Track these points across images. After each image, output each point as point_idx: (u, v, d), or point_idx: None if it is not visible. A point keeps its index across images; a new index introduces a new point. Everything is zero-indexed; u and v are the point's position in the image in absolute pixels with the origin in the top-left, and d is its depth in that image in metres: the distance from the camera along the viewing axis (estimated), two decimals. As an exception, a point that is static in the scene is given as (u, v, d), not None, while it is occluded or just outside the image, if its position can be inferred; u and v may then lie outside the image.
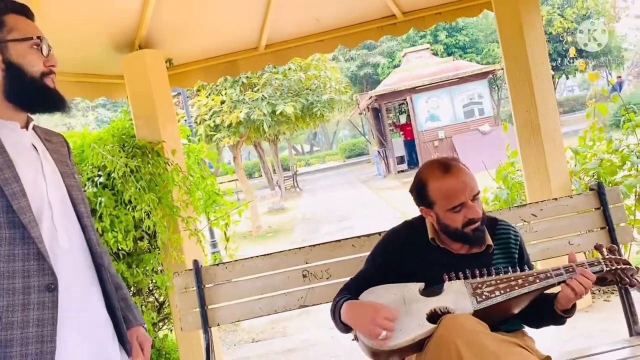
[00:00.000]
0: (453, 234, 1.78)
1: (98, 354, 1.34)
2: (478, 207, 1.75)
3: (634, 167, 3.85)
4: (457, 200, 1.72)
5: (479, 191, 1.78)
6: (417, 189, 1.83)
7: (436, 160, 1.82)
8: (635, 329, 2.20)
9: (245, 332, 4.70)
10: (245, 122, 9.48)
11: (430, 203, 1.78)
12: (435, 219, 1.80)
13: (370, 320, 1.61)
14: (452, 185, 1.72)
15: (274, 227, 11.88)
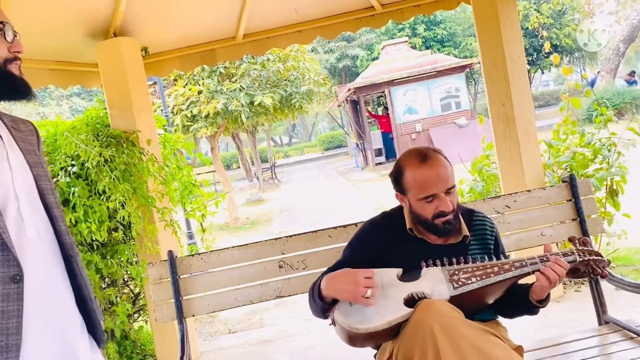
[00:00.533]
0: (424, 224, 1.81)
1: (66, 347, 1.31)
2: (452, 200, 1.77)
3: (605, 161, 3.93)
4: (429, 191, 1.74)
5: (454, 185, 1.79)
6: (394, 175, 1.86)
7: (416, 149, 1.84)
8: (604, 318, 2.25)
9: (222, 323, 4.69)
10: (222, 113, 9.40)
11: (404, 190, 1.81)
12: (408, 206, 1.83)
13: (352, 283, 1.63)
14: (426, 175, 1.74)
15: (252, 219, 11.84)
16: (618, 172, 3.83)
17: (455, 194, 1.80)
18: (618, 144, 3.92)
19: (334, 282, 1.70)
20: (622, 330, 2.11)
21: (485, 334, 1.61)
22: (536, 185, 3.46)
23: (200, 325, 4.69)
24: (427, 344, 1.56)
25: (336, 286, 1.69)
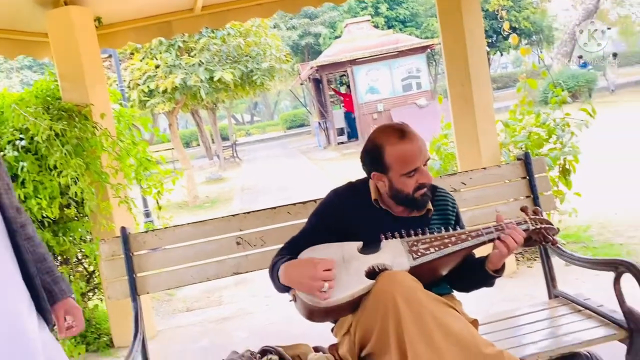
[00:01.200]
0: (404, 199, 1.82)
1: (12, 323, 1.26)
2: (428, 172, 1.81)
3: (559, 141, 4.03)
4: (413, 165, 1.76)
5: (429, 157, 1.83)
6: (371, 154, 1.84)
7: (390, 126, 1.84)
8: (554, 292, 2.33)
9: (180, 301, 4.64)
10: (181, 88, 9.17)
11: (385, 168, 1.80)
12: (388, 184, 1.82)
13: (310, 277, 1.62)
14: (409, 150, 1.76)
15: (212, 197, 11.71)
16: (571, 151, 3.94)
17: (427, 165, 1.83)
18: (571, 125, 4.03)
19: (292, 272, 1.69)
20: (570, 304, 2.19)
21: (445, 306, 1.65)
22: (492, 164, 3.52)
23: (157, 304, 4.63)
24: (388, 314, 1.59)
25: (294, 277, 1.68)
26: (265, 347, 1.92)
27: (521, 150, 3.97)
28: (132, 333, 1.98)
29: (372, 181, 1.89)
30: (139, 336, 1.99)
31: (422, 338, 1.55)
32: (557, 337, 1.94)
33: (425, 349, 1.54)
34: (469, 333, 1.59)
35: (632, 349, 1.85)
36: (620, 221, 4.85)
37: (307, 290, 1.62)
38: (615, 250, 4.03)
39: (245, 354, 1.91)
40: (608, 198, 5.73)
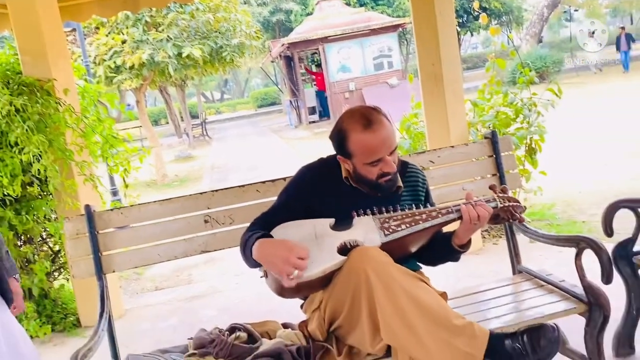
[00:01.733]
0: (368, 184, 1.82)
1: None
2: (394, 159, 1.79)
3: (526, 120, 4.10)
4: (376, 156, 1.75)
5: (397, 145, 1.81)
6: (337, 139, 1.82)
7: (358, 111, 1.80)
8: (518, 268, 2.38)
9: (149, 280, 4.60)
10: (148, 64, 8.96)
11: (349, 154, 1.79)
12: (352, 169, 1.83)
13: (282, 260, 1.60)
14: (372, 141, 1.73)
15: (181, 176, 11.57)
16: (537, 131, 4.01)
17: (396, 153, 1.82)
18: (538, 105, 4.09)
19: (266, 251, 1.67)
20: (533, 279, 2.24)
21: (416, 280, 1.68)
22: (460, 143, 3.55)
23: (125, 283, 4.58)
24: (360, 289, 1.62)
25: (267, 256, 1.66)
26: (233, 325, 1.93)
27: (489, 130, 4.02)
28: (98, 312, 1.95)
29: (344, 165, 1.88)
30: (105, 315, 1.96)
31: (394, 311, 1.58)
32: (520, 312, 1.99)
33: (397, 322, 1.58)
34: (440, 305, 1.62)
35: (590, 321, 1.91)
36: (583, 199, 4.99)
37: (277, 272, 1.62)
38: (578, 228, 4.15)
39: (214, 331, 1.91)
40: (572, 177, 5.87)
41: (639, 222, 2.27)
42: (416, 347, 1.57)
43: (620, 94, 12.72)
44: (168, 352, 1.92)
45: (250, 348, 1.80)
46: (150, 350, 1.97)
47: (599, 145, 7.42)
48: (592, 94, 13.61)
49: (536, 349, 1.57)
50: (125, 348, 3.10)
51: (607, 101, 11.84)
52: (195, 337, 1.91)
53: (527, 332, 1.60)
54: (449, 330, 1.57)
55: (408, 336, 1.57)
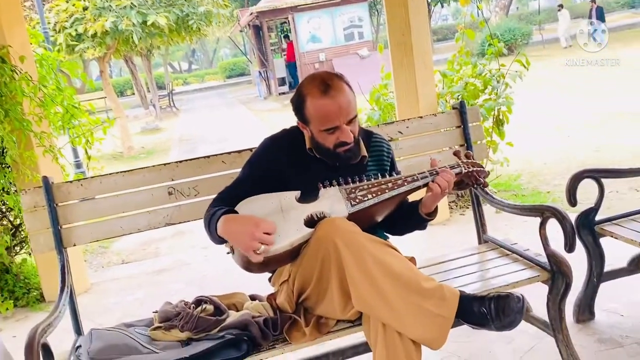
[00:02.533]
0: (325, 153, 1.80)
1: None
2: (353, 129, 1.76)
3: (494, 92, 4.11)
4: (331, 123, 1.71)
5: (356, 115, 1.77)
6: (296, 103, 1.79)
7: (319, 76, 1.77)
8: (484, 238, 2.41)
9: (115, 254, 4.52)
10: (112, 33, 8.66)
11: (306, 120, 1.77)
12: (310, 135, 1.80)
13: (249, 236, 1.57)
14: (328, 107, 1.70)
15: (148, 148, 11.35)
16: (504, 102, 4.03)
17: (356, 123, 1.79)
18: (506, 76, 4.11)
19: (232, 227, 1.64)
20: (499, 248, 2.28)
21: (384, 246, 1.68)
22: (429, 114, 3.55)
23: (91, 257, 4.50)
24: (330, 258, 1.61)
25: (233, 232, 1.63)
26: (199, 297, 1.90)
27: (458, 101, 4.03)
28: (59, 287, 1.90)
29: (305, 131, 1.86)
30: (67, 290, 1.90)
31: (364, 278, 1.58)
32: (485, 280, 2.02)
33: (367, 289, 1.58)
34: (409, 270, 1.63)
35: (553, 289, 1.95)
36: (548, 170, 5.09)
37: (243, 247, 1.59)
38: (543, 198, 4.23)
39: (179, 304, 1.88)
40: (537, 148, 5.97)
41: (601, 191, 2.31)
42: (387, 312, 1.58)
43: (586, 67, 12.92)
44: (132, 326, 1.89)
45: (217, 320, 1.78)
46: (115, 324, 1.93)
47: (563, 118, 7.55)
48: (559, 66, 13.80)
49: (500, 317, 1.60)
50: (91, 322, 3.07)
51: (572, 73, 12.02)
52: (161, 311, 1.88)
53: (495, 299, 1.62)
54: (419, 293, 1.58)
55: (379, 302, 1.58)
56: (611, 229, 2.26)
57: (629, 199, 3.88)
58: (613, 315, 2.43)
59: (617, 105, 7.70)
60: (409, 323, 1.57)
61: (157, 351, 1.71)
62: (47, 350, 1.62)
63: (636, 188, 4.08)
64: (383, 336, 1.58)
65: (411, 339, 1.58)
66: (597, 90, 9.18)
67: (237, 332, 1.72)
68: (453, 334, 1.68)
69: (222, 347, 1.68)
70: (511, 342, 2.32)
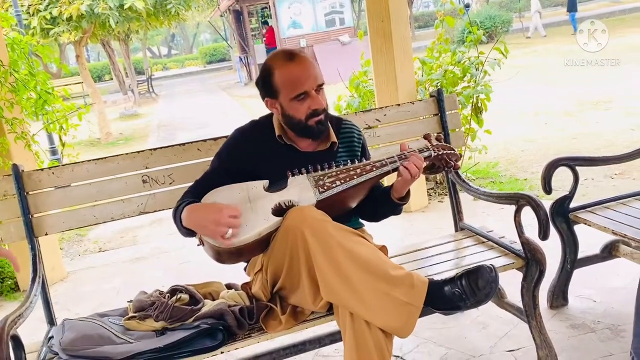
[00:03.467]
0: (297, 127, 1.78)
1: None
2: (322, 98, 1.77)
3: (473, 79, 4.12)
4: (301, 87, 1.71)
5: (324, 82, 1.78)
6: (262, 79, 1.79)
7: (281, 50, 1.81)
8: (460, 225, 2.43)
9: (91, 242, 4.46)
10: (88, 16, 8.46)
11: (275, 92, 1.76)
12: (280, 110, 1.79)
13: (213, 222, 1.57)
14: (297, 72, 1.72)
15: (126, 134, 11.19)
16: (483, 90, 4.04)
17: (324, 93, 1.80)
18: (485, 64, 4.12)
19: (196, 216, 1.63)
20: (475, 236, 2.29)
21: (352, 235, 1.67)
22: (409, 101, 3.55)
23: (67, 245, 4.43)
24: (298, 248, 1.60)
25: (198, 221, 1.63)
26: (175, 286, 1.88)
27: (436, 88, 4.04)
28: (30, 277, 1.86)
29: (275, 117, 1.84)
30: (38, 280, 1.87)
31: (332, 268, 1.57)
32: (461, 267, 2.03)
33: (335, 279, 1.57)
34: (377, 258, 1.62)
35: (527, 276, 1.97)
36: (525, 158, 5.14)
37: (210, 234, 1.58)
38: (520, 185, 4.28)
39: (154, 294, 1.86)
40: (515, 136, 6.03)
41: (576, 179, 2.34)
42: (356, 302, 1.57)
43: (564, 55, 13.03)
44: (106, 316, 1.86)
45: (192, 310, 1.76)
46: (92, 313, 1.91)
47: (541, 106, 7.62)
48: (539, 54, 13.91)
49: (475, 291, 1.60)
50: (67, 311, 3.04)
51: (552, 62, 12.13)
52: (135, 300, 1.86)
53: (465, 276, 1.62)
54: (387, 281, 1.58)
55: (347, 292, 1.57)
56: (585, 217, 2.29)
57: (603, 186, 3.94)
58: (586, 301, 2.47)
59: (594, 93, 7.79)
60: (376, 311, 1.56)
61: (132, 341, 1.69)
62: (17, 342, 1.60)
63: (611, 176, 4.14)
64: (351, 326, 1.58)
65: (379, 327, 1.57)
66: (576, 79, 9.28)
67: (213, 321, 1.71)
68: (428, 321, 1.69)
69: (197, 336, 1.67)
70: (486, 328, 2.35)
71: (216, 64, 34.17)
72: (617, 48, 11.79)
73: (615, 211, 2.31)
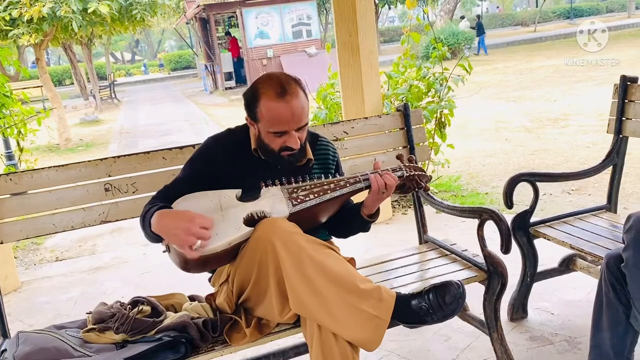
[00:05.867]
0: (269, 154, 1.77)
1: None
2: (301, 136, 1.74)
3: (437, 95, 4.20)
4: (281, 127, 1.69)
5: (307, 123, 1.75)
6: (249, 99, 1.75)
7: (277, 78, 1.72)
8: (425, 238, 2.46)
9: (48, 251, 4.32)
10: (49, 19, 8.25)
11: (256, 118, 1.73)
12: (257, 134, 1.77)
13: (184, 231, 1.52)
14: (281, 112, 1.67)
15: (86, 141, 10.92)
16: (447, 105, 4.12)
17: (305, 130, 1.76)
18: (449, 80, 4.21)
19: (166, 222, 1.58)
20: (438, 248, 2.32)
21: (323, 247, 1.67)
22: (375, 115, 3.59)
23: (22, 253, 4.28)
24: (267, 259, 1.59)
25: (167, 228, 1.57)
26: (136, 298, 1.84)
27: (402, 103, 4.09)
28: (-17, 287, 1.78)
29: (251, 129, 1.83)
30: (-9, 290, 1.80)
31: (301, 280, 1.57)
32: (425, 280, 2.05)
33: (304, 290, 1.57)
34: (347, 271, 1.63)
35: (489, 289, 2.01)
36: (486, 172, 5.26)
37: (178, 243, 1.53)
38: (481, 199, 4.37)
39: (115, 305, 1.81)
40: (478, 151, 6.16)
41: (536, 194, 2.40)
42: (324, 314, 1.57)
43: (522, 72, 13.44)
44: (64, 328, 1.80)
45: (154, 322, 1.73)
46: (48, 325, 1.84)
47: (501, 122, 7.83)
48: (500, 72, 14.30)
49: (442, 306, 1.62)
50: (20, 323, 2.93)
51: (512, 79, 12.49)
52: (95, 312, 1.81)
53: (433, 290, 1.64)
54: (356, 294, 1.58)
55: (316, 304, 1.57)
56: (544, 231, 2.36)
57: (560, 202, 4.06)
58: (544, 313, 2.53)
59: (552, 111, 8.05)
60: (344, 324, 1.56)
61: (90, 354, 1.64)
62: (-33, 356, 1.53)
63: (567, 191, 4.28)
64: (319, 338, 1.58)
65: (347, 340, 1.57)
66: (535, 96, 9.57)
67: (175, 333, 1.68)
68: (392, 333, 1.70)
69: (159, 349, 1.63)
70: (448, 340, 2.38)
71: (181, 71, 33.83)
72: (576, 67, 12.26)
73: (573, 226, 2.38)
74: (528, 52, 18.76)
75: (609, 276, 1.72)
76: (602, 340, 1.76)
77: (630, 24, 22.75)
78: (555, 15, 37.07)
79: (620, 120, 2.49)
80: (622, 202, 2.96)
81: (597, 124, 6.69)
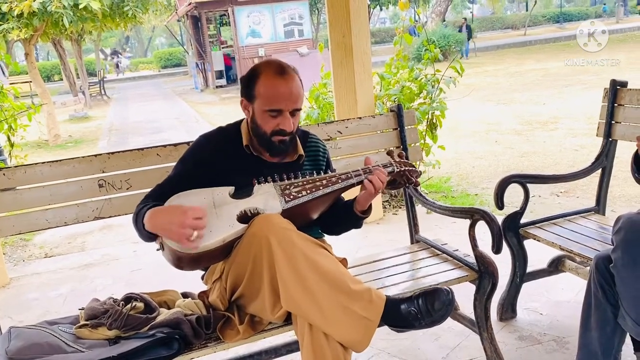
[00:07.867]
0: (261, 138, 1.78)
1: None
2: (294, 121, 1.77)
3: (429, 96, 4.23)
4: (278, 104, 1.72)
5: (300, 108, 1.79)
6: (247, 78, 1.78)
7: (277, 61, 1.80)
8: (416, 237, 2.48)
9: (37, 247, 4.29)
10: (40, 14, 8.18)
11: (253, 96, 1.76)
12: (250, 115, 1.79)
13: (178, 224, 1.52)
14: (280, 88, 1.71)
15: (75, 137, 10.85)
16: (438, 107, 4.16)
17: (298, 117, 1.80)
18: (441, 81, 4.24)
19: (159, 219, 1.59)
20: (430, 248, 2.35)
21: (316, 246, 1.67)
22: (367, 115, 3.60)
23: (10, 249, 4.25)
24: (262, 255, 1.59)
25: (161, 224, 1.58)
26: (129, 294, 1.83)
27: (394, 103, 4.12)
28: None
29: (243, 126, 1.84)
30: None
31: (294, 277, 1.57)
32: (416, 279, 2.07)
33: (297, 288, 1.57)
34: (339, 271, 1.64)
35: (480, 289, 2.03)
36: (476, 174, 5.30)
37: (175, 237, 1.54)
38: (471, 200, 4.40)
39: (108, 301, 1.81)
40: (467, 153, 6.21)
41: (526, 196, 2.43)
42: (315, 313, 1.58)
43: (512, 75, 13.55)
44: (56, 324, 1.79)
45: (147, 318, 1.73)
46: (37, 321, 1.83)
47: (492, 124, 7.89)
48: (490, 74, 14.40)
49: (430, 312, 1.64)
50: (9, 320, 2.90)
51: (502, 82, 12.58)
52: (87, 308, 1.81)
53: (422, 296, 1.66)
54: (347, 295, 1.59)
55: (307, 302, 1.57)
56: (534, 232, 2.39)
57: (549, 204, 4.10)
58: (533, 313, 2.56)
59: (542, 114, 8.13)
60: (334, 324, 1.57)
61: (83, 350, 1.64)
62: (-41, 351, 1.52)
63: (556, 193, 4.32)
64: (310, 337, 1.59)
65: (336, 340, 1.58)
66: (526, 99, 9.66)
67: (168, 330, 1.68)
68: (382, 332, 1.71)
69: (152, 345, 1.63)
70: (438, 339, 2.40)
71: (171, 68, 33.67)
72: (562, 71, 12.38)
73: (562, 227, 2.42)
74: (518, 55, 18.93)
75: (598, 277, 1.75)
76: (590, 339, 1.79)
77: (618, 29, 22.99)
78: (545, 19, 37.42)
79: (610, 124, 2.53)
80: (609, 205, 3.00)
81: (585, 127, 6.77)
